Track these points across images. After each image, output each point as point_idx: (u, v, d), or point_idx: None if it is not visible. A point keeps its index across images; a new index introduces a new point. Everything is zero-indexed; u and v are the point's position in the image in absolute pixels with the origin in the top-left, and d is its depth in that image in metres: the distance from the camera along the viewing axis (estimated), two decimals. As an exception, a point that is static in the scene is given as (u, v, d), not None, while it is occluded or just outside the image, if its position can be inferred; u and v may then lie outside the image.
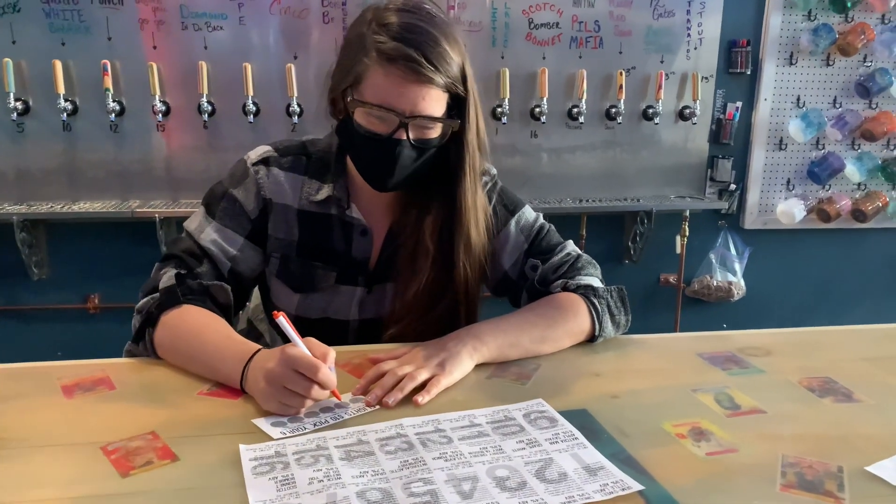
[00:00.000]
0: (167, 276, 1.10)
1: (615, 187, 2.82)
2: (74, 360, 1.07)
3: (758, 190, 2.91)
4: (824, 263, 3.03)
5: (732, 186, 2.87)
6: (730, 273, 2.92)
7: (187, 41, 2.44)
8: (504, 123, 2.61)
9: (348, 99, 1.06)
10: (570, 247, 1.25)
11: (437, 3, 1.10)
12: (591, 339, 1.16)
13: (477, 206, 1.15)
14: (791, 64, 2.80)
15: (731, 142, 2.83)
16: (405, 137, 1.05)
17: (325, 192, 1.17)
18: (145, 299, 1.10)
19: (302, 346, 0.92)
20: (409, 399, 0.96)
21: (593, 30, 2.66)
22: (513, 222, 1.24)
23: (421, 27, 1.03)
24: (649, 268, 2.94)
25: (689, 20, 2.71)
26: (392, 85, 1.02)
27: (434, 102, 1.04)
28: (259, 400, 0.93)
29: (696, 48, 2.74)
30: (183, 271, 1.11)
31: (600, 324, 1.15)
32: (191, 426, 0.89)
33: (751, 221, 2.94)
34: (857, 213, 2.93)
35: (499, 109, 2.59)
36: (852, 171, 2.89)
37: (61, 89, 2.36)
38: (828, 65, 2.82)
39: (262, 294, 1.31)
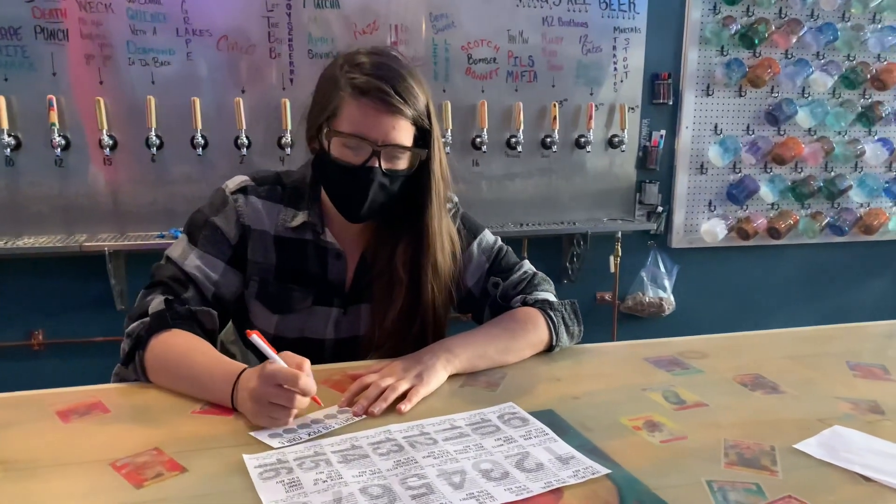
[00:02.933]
0: (156, 302, 1.15)
1: (552, 212, 2.98)
2: (65, 388, 1.11)
3: (683, 211, 3.13)
4: (745, 277, 3.28)
5: (660, 209, 3.08)
6: (660, 289, 3.11)
7: (135, 76, 2.48)
8: (447, 153, 2.73)
9: (325, 131, 1.15)
10: (527, 265, 1.37)
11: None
12: (549, 348, 1.28)
13: (443, 232, 1.25)
14: (708, 95, 3.04)
15: (657, 167, 3.05)
16: (377, 165, 1.14)
17: (301, 218, 1.25)
18: (134, 324, 1.15)
19: (279, 361, 0.99)
20: (392, 408, 1.04)
21: (528, 64, 2.83)
22: (475, 244, 1.35)
23: (390, 65, 1.15)
24: (586, 287, 3.10)
25: (615, 55, 2.92)
26: (365, 115, 1.12)
27: (403, 133, 1.15)
28: (250, 417, 1.00)
29: (622, 81, 2.95)
30: (171, 297, 1.17)
31: (557, 334, 1.27)
32: (192, 441, 0.95)
33: (677, 241, 3.15)
34: (773, 231, 3.19)
35: (441, 140, 2.71)
36: (766, 193, 3.15)
37: (4, 124, 2.35)
38: (740, 95, 3.08)
39: (234, 316, 1.37)
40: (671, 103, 3.01)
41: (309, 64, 2.60)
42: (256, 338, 1.01)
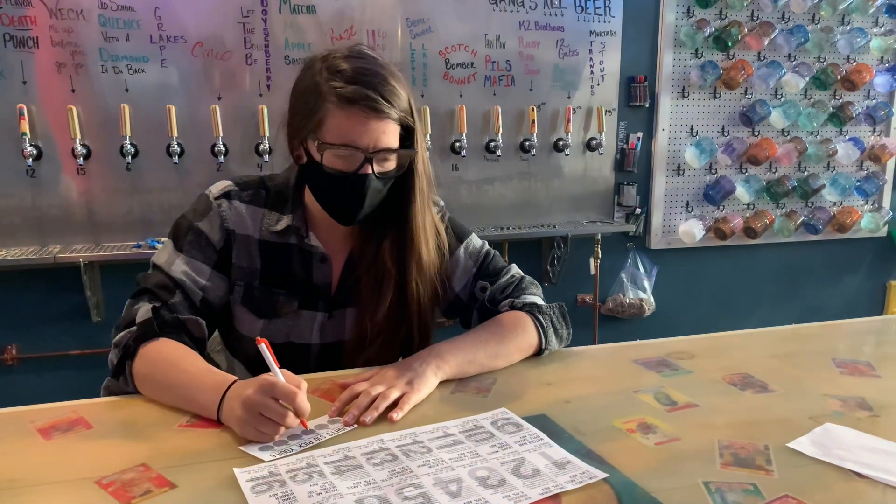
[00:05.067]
0: (143, 310, 1.13)
1: (532, 215, 2.98)
2: (45, 404, 1.07)
3: (661, 213, 3.15)
4: (723, 277, 3.31)
5: (638, 210, 3.10)
6: (640, 290, 3.13)
7: (108, 84, 2.44)
8: (428, 149, 2.72)
9: (314, 144, 1.13)
10: (514, 269, 1.37)
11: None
12: (538, 352, 1.27)
13: (427, 228, 1.25)
14: (684, 97, 3.07)
15: (634, 169, 3.06)
16: (370, 171, 1.13)
17: (285, 222, 1.24)
18: (122, 333, 1.13)
19: (280, 375, 0.98)
20: (383, 416, 1.03)
21: (505, 69, 2.84)
22: (461, 249, 1.34)
23: (372, 69, 1.13)
24: (567, 289, 3.10)
25: (591, 58, 2.93)
26: (354, 124, 1.10)
27: (391, 136, 1.14)
28: (235, 427, 0.97)
29: (598, 84, 2.96)
30: (157, 304, 1.15)
31: (546, 338, 1.26)
32: (179, 456, 0.93)
33: (656, 242, 3.17)
34: (749, 231, 3.23)
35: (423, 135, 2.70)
36: (742, 193, 3.19)
37: (-27, 134, 2.30)
38: (715, 97, 3.11)
39: (219, 325, 1.34)
40: (647, 106, 3.03)
41: (285, 70, 2.58)
42: (264, 347, 0.99)
